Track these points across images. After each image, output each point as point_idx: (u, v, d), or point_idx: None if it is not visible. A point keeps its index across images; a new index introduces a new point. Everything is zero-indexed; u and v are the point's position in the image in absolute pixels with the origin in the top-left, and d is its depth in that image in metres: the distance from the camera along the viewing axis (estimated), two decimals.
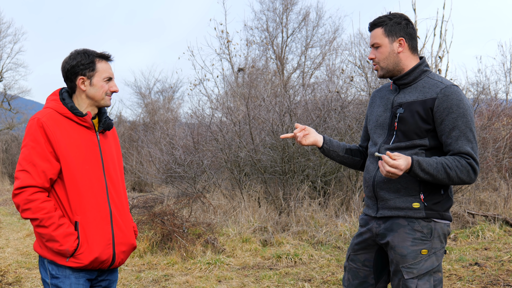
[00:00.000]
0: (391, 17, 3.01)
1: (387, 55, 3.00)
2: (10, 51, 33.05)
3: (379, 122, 3.09)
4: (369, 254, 3.11)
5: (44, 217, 2.74)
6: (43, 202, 2.76)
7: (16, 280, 6.51)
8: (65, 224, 2.78)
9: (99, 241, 2.85)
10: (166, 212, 8.15)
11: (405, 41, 2.99)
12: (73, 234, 2.79)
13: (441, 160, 2.81)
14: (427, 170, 2.78)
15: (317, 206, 9.19)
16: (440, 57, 10.57)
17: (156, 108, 26.27)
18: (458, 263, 6.60)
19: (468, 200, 9.81)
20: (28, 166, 2.78)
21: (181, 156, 11.85)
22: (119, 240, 2.96)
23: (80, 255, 2.81)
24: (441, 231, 2.94)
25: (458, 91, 2.88)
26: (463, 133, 2.83)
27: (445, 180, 2.82)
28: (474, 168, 2.83)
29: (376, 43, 3.01)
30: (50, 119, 2.82)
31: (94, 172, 2.89)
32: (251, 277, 6.42)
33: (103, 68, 2.95)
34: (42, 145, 2.78)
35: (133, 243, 3.08)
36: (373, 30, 3.04)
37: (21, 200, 2.76)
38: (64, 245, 2.76)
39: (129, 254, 3.09)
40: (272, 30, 24.37)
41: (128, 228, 3.04)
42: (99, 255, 2.85)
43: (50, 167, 2.78)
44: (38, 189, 2.77)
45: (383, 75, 3.05)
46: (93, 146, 2.93)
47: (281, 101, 10.63)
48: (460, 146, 2.82)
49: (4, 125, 33.43)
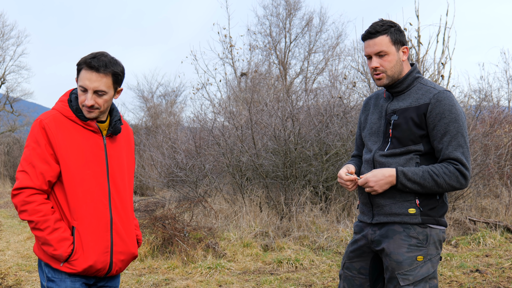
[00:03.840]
0: (392, 24, 2.97)
1: (394, 64, 2.96)
2: (13, 53, 33.23)
3: (374, 130, 3.10)
4: (364, 262, 3.10)
5: (40, 220, 2.69)
6: (40, 205, 2.70)
7: (16, 283, 6.51)
8: (61, 229, 2.72)
9: (95, 248, 2.77)
10: (167, 216, 8.15)
11: (408, 49, 3.00)
12: (68, 239, 2.72)
13: (427, 168, 2.84)
14: (413, 179, 2.82)
15: (318, 212, 9.18)
16: (443, 63, 10.58)
17: (159, 112, 26.32)
18: (459, 270, 6.58)
19: (469, 207, 9.80)
20: (27, 167, 2.73)
21: (183, 160, 11.86)
22: (118, 248, 2.87)
23: (75, 261, 2.74)
24: (436, 237, 2.93)
25: (451, 97, 2.90)
26: (454, 138, 2.84)
27: (434, 188, 2.84)
28: (463, 174, 2.84)
29: (383, 51, 2.94)
30: (53, 121, 2.76)
31: (97, 177, 2.81)
32: (252, 282, 6.41)
33: (82, 76, 2.75)
34: (42, 146, 2.72)
35: (134, 253, 2.98)
36: (376, 37, 2.95)
37: (19, 201, 2.72)
38: (58, 249, 2.70)
39: (128, 263, 3.00)
40: (275, 35, 24.45)
41: (130, 237, 2.95)
42: (94, 262, 2.77)
43: (49, 169, 2.72)
44: (36, 191, 2.72)
45: (387, 83, 3.00)
46: (98, 151, 2.84)
47: (283, 106, 10.63)
48: (450, 152, 2.84)
49: (6, 127, 33.52)
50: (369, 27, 2.98)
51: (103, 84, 2.74)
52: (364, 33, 3.01)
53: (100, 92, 2.75)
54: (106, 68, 2.74)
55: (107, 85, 2.76)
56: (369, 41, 2.98)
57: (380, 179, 2.88)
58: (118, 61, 2.83)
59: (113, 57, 2.82)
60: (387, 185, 2.87)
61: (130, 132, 3.12)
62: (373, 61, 2.98)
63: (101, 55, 2.77)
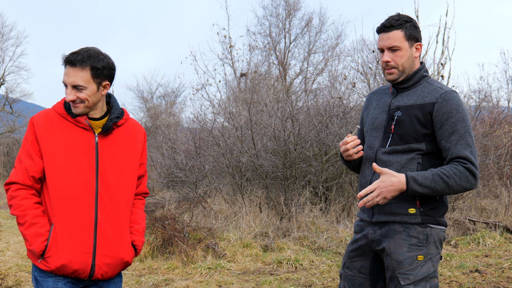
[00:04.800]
0: (407, 20, 2.95)
1: (406, 59, 2.95)
2: (12, 54, 33.20)
3: (375, 124, 3.08)
4: (365, 261, 3.09)
5: (20, 214, 2.70)
6: (22, 200, 2.71)
7: (16, 284, 6.50)
8: (38, 224, 2.69)
9: (72, 247, 2.69)
10: (167, 217, 8.15)
11: (421, 46, 2.99)
12: (42, 235, 2.68)
13: (437, 171, 2.80)
14: (424, 183, 2.78)
15: (318, 212, 9.18)
16: (442, 64, 10.60)
17: (158, 113, 26.35)
18: (459, 270, 6.59)
19: (469, 207, 9.80)
20: (16, 163, 2.78)
21: (182, 160, 11.86)
22: (102, 251, 2.76)
23: (48, 258, 2.69)
24: (437, 237, 2.92)
25: (457, 97, 2.89)
26: (462, 137, 2.83)
27: (446, 190, 2.80)
28: (473, 173, 2.81)
29: (396, 46, 2.92)
30: (44, 118, 2.77)
31: (82, 174, 2.74)
32: (252, 282, 6.41)
33: (64, 72, 2.73)
34: (29, 142, 2.74)
35: (123, 258, 2.84)
36: (390, 31, 2.93)
37: (7, 196, 2.77)
38: (32, 245, 2.67)
39: (117, 268, 2.86)
40: (275, 36, 24.45)
41: (119, 240, 2.82)
42: (68, 262, 2.68)
43: (33, 164, 2.72)
44: (21, 186, 2.73)
45: (397, 79, 2.98)
46: (88, 148, 2.77)
47: (283, 107, 10.64)
48: (459, 150, 2.82)
49: (6, 128, 33.52)
50: (385, 20, 2.97)
51: (79, 78, 2.69)
52: (379, 26, 2.99)
53: (79, 87, 2.70)
54: (83, 62, 2.68)
55: (84, 79, 2.69)
56: (383, 35, 2.97)
57: (390, 185, 2.80)
58: (103, 56, 2.76)
59: (99, 52, 2.77)
60: (396, 192, 2.80)
61: (139, 132, 3.01)
62: (385, 55, 2.97)
63: (84, 50, 2.73)
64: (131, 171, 2.93)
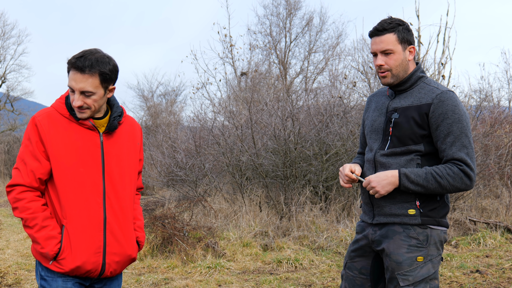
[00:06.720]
0: (400, 23, 2.94)
1: (400, 63, 2.94)
2: (13, 52, 33.22)
3: (374, 127, 3.08)
4: (365, 262, 3.09)
5: (29, 217, 2.66)
6: (29, 202, 2.67)
7: (16, 282, 6.50)
8: (49, 226, 2.67)
9: (85, 248, 2.70)
10: (167, 216, 8.14)
11: (415, 49, 2.98)
12: (55, 237, 2.67)
13: (430, 170, 2.81)
14: (416, 181, 2.81)
15: (318, 211, 9.17)
16: (443, 63, 10.58)
17: (159, 111, 26.34)
18: (459, 270, 6.57)
19: (469, 207, 9.79)
20: (20, 164, 2.72)
21: (182, 159, 11.85)
22: (112, 249, 2.78)
23: (62, 260, 2.68)
24: (437, 238, 2.91)
25: (454, 97, 2.87)
26: (458, 139, 2.82)
27: (438, 190, 2.82)
28: (468, 174, 2.81)
29: (389, 49, 2.92)
30: (47, 118, 2.72)
31: (90, 174, 2.73)
32: (251, 281, 6.40)
33: (70, 77, 2.68)
34: (34, 144, 2.69)
35: (131, 255, 2.89)
36: (382, 35, 2.93)
37: (11, 198, 2.70)
38: (45, 248, 2.65)
39: (125, 265, 2.90)
40: (276, 35, 24.45)
41: (127, 238, 2.86)
42: (83, 263, 2.69)
43: (40, 166, 2.68)
44: (27, 188, 2.69)
45: (392, 82, 2.98)
46: (94, 148, 2.76)
47: (283, 106, 10.62)
48: (454, 152, 2.82)
49: (7, 126, 33.53)
50: (377, 24, 2.95)
51: (89, 84, 2.65)
52: (371, 30, 2.98)
53: (87, 93, 2.66)
54: (92, 68, 2.64)
55: (93, 85, 2.66)
56: (376, 38, 2.96)
57: (383, 179, 2.87)
58: (108, 59, 2.72)
59: (104, 55, 2.72)
60: (389, 186, 2.86)
61: (136, 128, 3.01)
62: (378, 59, 2.96)
63: (89, 54, 2.67)
64: (133, 168, 2.94)
